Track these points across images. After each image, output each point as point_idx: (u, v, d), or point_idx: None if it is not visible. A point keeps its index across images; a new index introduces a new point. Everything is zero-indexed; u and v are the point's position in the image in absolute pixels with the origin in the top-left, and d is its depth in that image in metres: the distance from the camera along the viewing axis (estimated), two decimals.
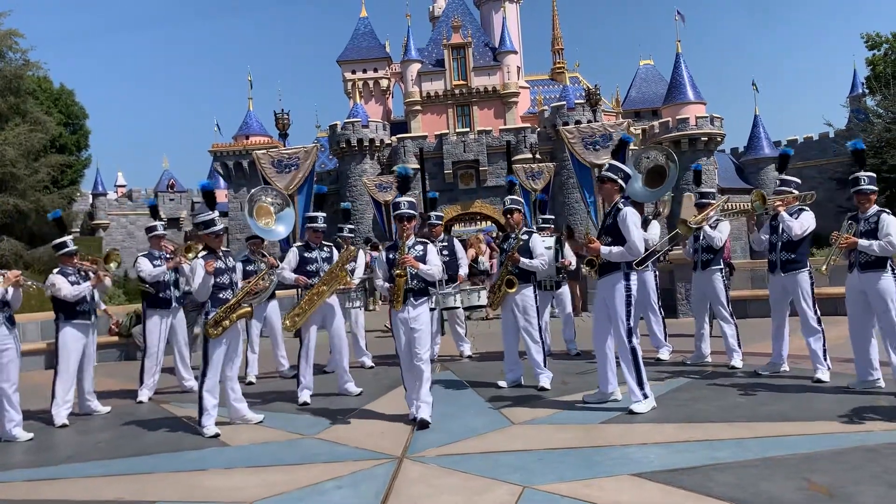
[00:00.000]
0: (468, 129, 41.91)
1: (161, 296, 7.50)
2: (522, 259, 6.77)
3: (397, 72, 49.60)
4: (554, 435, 5.13)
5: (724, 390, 6.27)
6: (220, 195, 44.80)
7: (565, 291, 9.04)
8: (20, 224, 25.18)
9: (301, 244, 7.40)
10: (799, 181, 6.87)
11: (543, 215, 9.56)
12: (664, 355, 8.00)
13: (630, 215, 5.60)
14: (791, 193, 6.67)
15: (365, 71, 50.68)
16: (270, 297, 8.07)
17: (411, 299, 5.66)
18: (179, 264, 7.29)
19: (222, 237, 6.07)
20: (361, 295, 8.29)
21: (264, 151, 11.12)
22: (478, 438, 5.15)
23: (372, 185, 19.37)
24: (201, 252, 5.97)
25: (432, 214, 9.20)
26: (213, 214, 6.00)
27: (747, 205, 7.21)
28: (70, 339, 6.63)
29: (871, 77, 36.83)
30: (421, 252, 5.70)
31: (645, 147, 6.94)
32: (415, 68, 45.80)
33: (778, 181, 6.89)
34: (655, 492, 3.84)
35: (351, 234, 8.38)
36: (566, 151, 11.91)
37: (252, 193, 6.49)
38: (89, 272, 6.79)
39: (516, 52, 46.26)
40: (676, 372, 7.18)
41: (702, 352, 7.66)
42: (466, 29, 45.97)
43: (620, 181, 5.75)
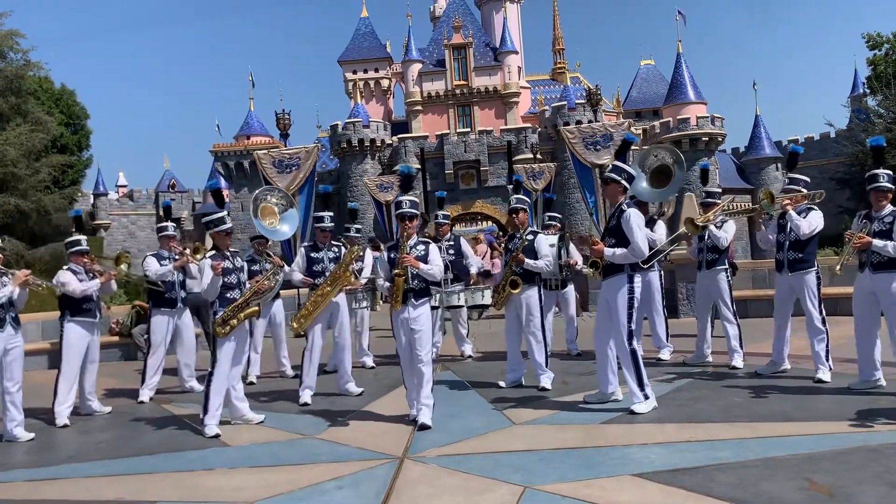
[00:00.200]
0: (469, 130, 41.95)
1: (167, 295, 7.53)
2: (527, 260, 6.74)
3: (398, 72, 49.65)
4: (555, 435, 5.13)
5: (725, 390, 6.27)
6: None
7: (570, 291, 9.02)
8: (21, 224, 25.22)
9: (309, 244, 7.40)
10: (808, 180, 6.77)
11: (549, 213, 9.59)
12: (665, 355, 8.00)
13: (634, 217, 5.58)
14: (800, 192, 6.58)
15: (366, 71, 50.74)
16: (275, 297, 8.07)
17: (412, 299, 5.62)
18: (186, 264, 7.31)
19: (231, 236, 6.09)
20: (368, 295, 8.27)
21: (265, 151, 11.14)
22: (479, 439, 5.15)
23: (373, 186, 19.37)
24: (209, 252, 6.00)
25: (439, 214, 9.20)
26: (223, 213, 6.05)
27: (747, 205, 7.20)
28: (74, 336, 6.65)
29: (872, 77, 36.82)
30: (423, 252, 5.65)
31: (653, 146, 6.89)
32: (416, 68, 45.83)
33: (787, 179, 6.78)
34: (656, 492, 3.84)
35: (358, 234, 8.38)
36: (567, 151, 11.90)
37: (257, 194, 6.49)
38: (97, 272, 6.84)
39: (517, 53, 46.28)
40: (677, 372, 7.17)
41: (702, 352, 7.64)
42: (467, 29, 46.00)
43: (624, 182, 5.72)
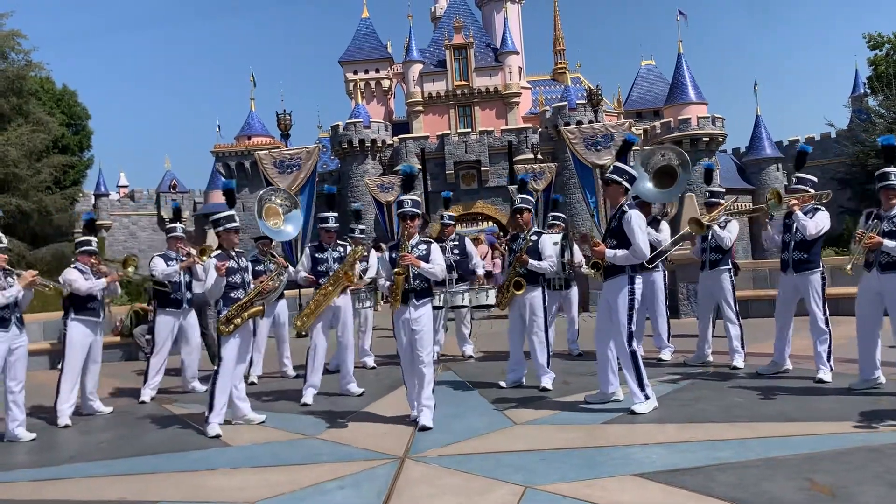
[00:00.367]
0: (470, 130, 41.95)
1: (173, 296, 7.54)
2: (531, 261, 6.71)
3: (399, 72, 49.68)
4: (556, 435, 5.13)
5: (726, 390, 6.27)
6: (222, 195, 44.80)
7: (573, 292, 9.01)
8: (23, 224, 25.22)
9: (314, 244, 7.42)
10: (815, 180, 6.71)
11: (554, 213, 9.60)
12: (666, 356, 7.99)
13: (635, 218, 5.56)
14: (807, 192, 6.53)
15: (367, 71, 50.77)
16: (279, 297, 8.08)
17: (413, 300, 5.60)
18: (193, 265, 7.31)
19: (237, 234, 6.12)
20: (372, 295, 8.27)
21: (266, 152, 11.12)
22: (480, 439, 5.16)
23: (374, 186, 19.34)
24: (214, 252, 6.05)
25: (445, 215, 9.26)
26: (231, 212, 6.12)
27: (748, 205, 7.18)
28: (77, 334, 6.67)
29: (873, 77, 36.82)
30: (424, 251, 5.63)
31: (660, 146, 6.85)
32: (416, 69, 45.85)
33: (794, 178, 6.71)
34: (657, 492, 3.84)
35: (362, 235, 8.36)
36: (568, 152, 11.88)
37: (261, 194, 6.52)
38: (103, 273, 6.89)
39: (518, 53, 46.30)
40: (678, 372, 7.17)
41: (703, 352, 7.64)
42: (468, 29, 46.03)
43: (625, 183, 5.71)
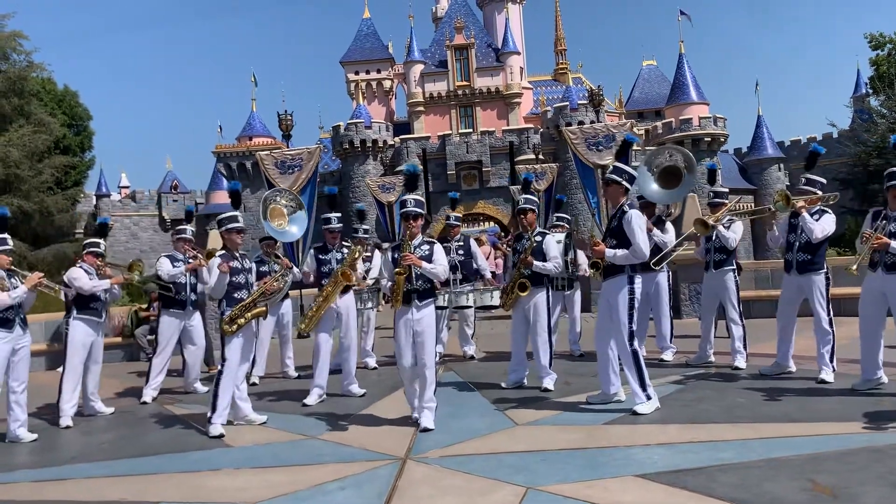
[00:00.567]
0: (471, 130, 41.90)
1: (177, 297, 7.54)
2: (536, 262, 6.67)
3: (400, 73, 49.68)
4: (557, 436, 5.13)
5: (728, 391, 6.26)
6: (223, 196, 44.88)
7: (576, 292, 8.99)
8: (24, 225, 25.28)
9: (318, 245, 7.42)
10: (824, 181, 6.67)
11: (558, 213, 9.61)
12: (668, 356, 7.97)
13: (635, 218, 5.55)
14: (815, 194, 6.48)
15: (368, 72, 50.78)
16: (284, 297, 8.07)
17: (416, 300, 5.54)
18: (199, 267, 7.31)
19: (241, 235, 6.12)
20: (374, 296, 8.26)
21: (268, 152, 11.10)
22: (481, 439, 5.15)
23: (375, 186, 19.33)
24: (219, 252, 6.06)
25: (451, 215, 9.28)
26: (236, 212, 6.17)
27: (751, 205, 7.16)
28: (79, 334, 6.68)
29: (875, 77, 36.72)
30: (427, 251, 5.58)
31: (667, 146, 6.80)
32: (418, 69, 45.85)
33: (803, 179, 6.66)
34: (659, 493, 3.83)
35: (366, 235, 8.34)
36: (569, 152, 11.88)
37: (266, 195, 6.53)
38: (108, 276, 6.90)
39: (519, 53, 46.29)
40: (680, 373, 7.16)
41: (705, 352, 7.63)
42: (469, 30, 46.03)
43: (625, 183, 5.70)
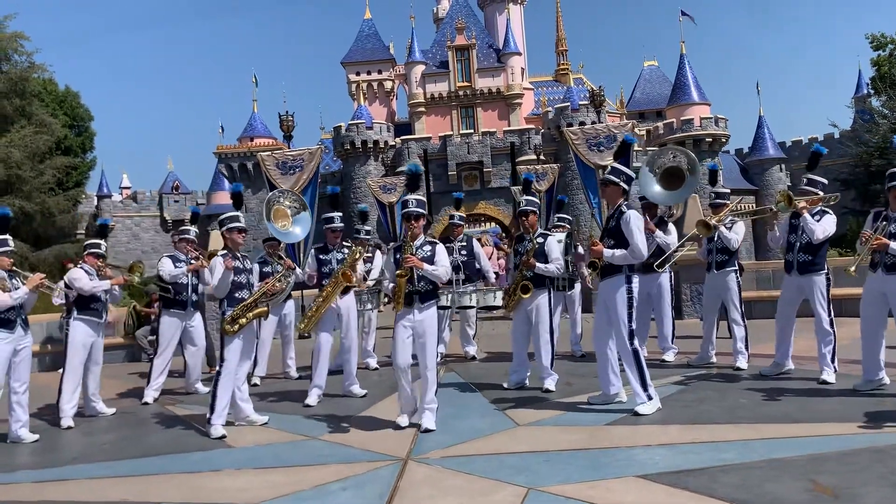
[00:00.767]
0: (472, 131, 41.92)
1: (178, 298, 7.54)
2: (538, 264, 6.65)
3: (401, 73, 49.75)
4: (559, 436, 5.13)
5: (730, 391, 6.26)
6: (225, 196, 44.91)
7: (576, 293, 8.97)
8: (25, 226, 25.30)
9: (319, 245, 7.41)
10: (826, 182, 6.66)
11: (559, 214, 9.61)
12: (669, 357, 7.96)
13: (634, 218, 5.55)
14: (817, 194, 6.47)
15: (369, 73, 50.82)
16: (287, 298, 8.06)
17: (417, 302, 5.50)
18: (201, 268, 7.31)
19: (243, 235, 6.12)
20: (374, 296, 8.26)
21: (269, 153, 11.13)
22: (483, 440, 5.15)
23: (376, 187, 19.35)
24: (221, 251, 6.06)
25: (455, 215, 9.27)
26: (237, 213, 6.19)
27: (752, 206, 7.14)
28: (79, 334, 6.68)
29: (877, 78, 36.67)
30: (429, 252, 5.53)
31: (671, 147, 6.80)
32: (419, 70, 45.88)
33: (805, 179, 6.64)
34: (661, 493, 3.83)
35: (368, 236, 8.33)
36: (570, 153, 11.88)
37: (269, 196, 6.53)
38: (108, 277, 6.90)
39: (520, 54, 46.32)
40: (681, 373, 7.15)
41: (707, 353, 7.62)
42: (470, 31, 46.07)
43: (623, 184, 5.69)
